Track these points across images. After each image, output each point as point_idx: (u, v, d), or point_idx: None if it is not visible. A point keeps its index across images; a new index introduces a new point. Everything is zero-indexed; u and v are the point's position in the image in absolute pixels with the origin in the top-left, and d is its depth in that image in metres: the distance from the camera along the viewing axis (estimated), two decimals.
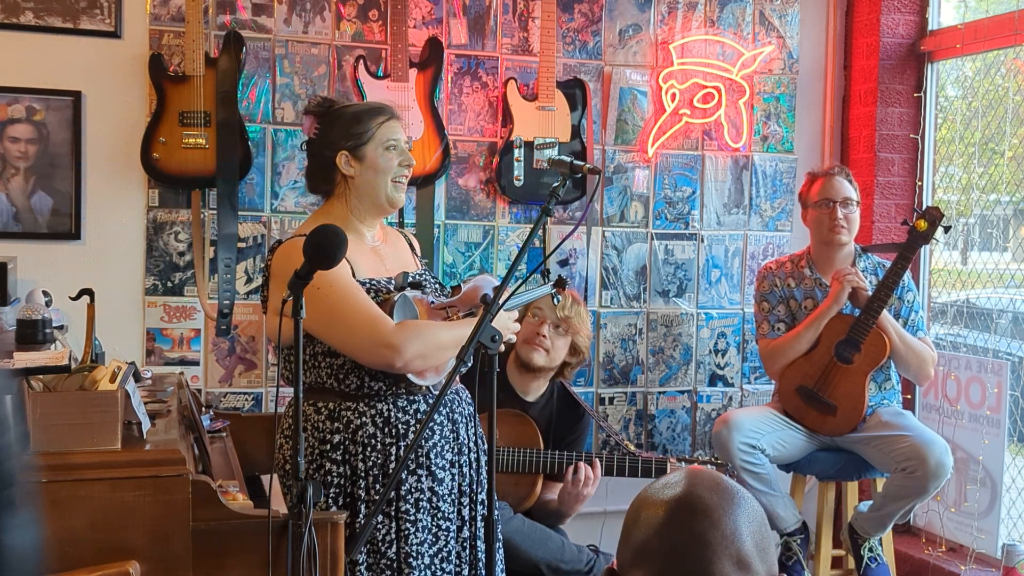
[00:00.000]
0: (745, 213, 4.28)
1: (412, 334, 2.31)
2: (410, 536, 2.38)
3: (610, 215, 4.12)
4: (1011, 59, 4.00)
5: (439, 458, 2.43)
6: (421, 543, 2.39)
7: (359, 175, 2.48)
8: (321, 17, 3.78)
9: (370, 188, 2.49)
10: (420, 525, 2.39)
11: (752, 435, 3.46)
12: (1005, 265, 4.03)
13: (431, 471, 2.41)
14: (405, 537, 2.38)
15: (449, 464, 2.45)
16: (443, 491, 2.43)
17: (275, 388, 3.72)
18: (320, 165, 2.51)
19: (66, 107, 3.54)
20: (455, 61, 3.91)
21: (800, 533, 3.58)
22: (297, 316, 2.06)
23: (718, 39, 4.21)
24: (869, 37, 4.26)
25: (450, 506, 2.45)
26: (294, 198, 3.77)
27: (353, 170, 2.47)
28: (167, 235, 3.67)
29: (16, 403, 1.87)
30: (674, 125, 4.15)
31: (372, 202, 2.50)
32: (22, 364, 2.17)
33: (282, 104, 3.76)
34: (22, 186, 3.53)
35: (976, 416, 3.85)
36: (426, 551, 2.40)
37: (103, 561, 1.96)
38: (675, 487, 1.26)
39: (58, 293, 3.12)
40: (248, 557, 2.07)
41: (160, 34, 3.62)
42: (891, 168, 4.25)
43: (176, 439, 2.20)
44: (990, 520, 3.79)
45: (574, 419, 3.48)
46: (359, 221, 2.52)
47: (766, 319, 3.71)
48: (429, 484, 2.41)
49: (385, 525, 2.38)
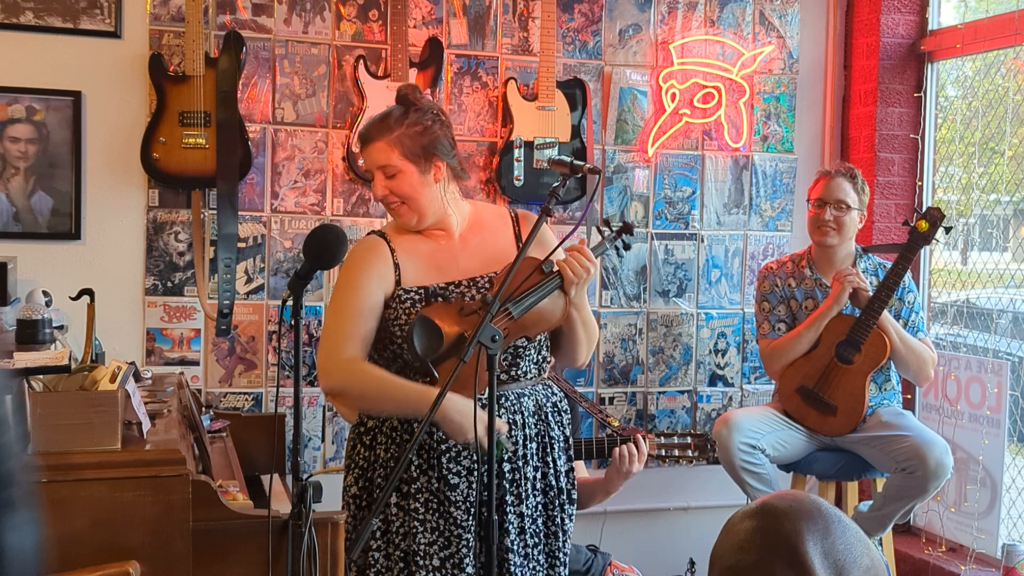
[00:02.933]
0: (745, 213, 4.28)
1: (348, 372, 2.37)
2: (418, 535, 2.37)
3: (610, 215, 4.11)
4: (1011, 59, 4.00)
5: (453, 463, 2.39)
6: (430, 544, 2.37)
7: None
8: (321, 17, 3.78)
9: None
10: (429, 526, 2.38)
11: (752, 435, 3.46)
12: (1005, 265, 4.03)
13: (443, 475, 2.38)
14: (413, 535, 2.38)
15: (466, 471, 2.39)
16: (456, 497, 2.37)
17: (275, 388, 3.72)
18: None
19: (66, 107, 3.54)
20: (455, 61, 3.91)
21: None
22: (297, 316, 2.06)
23: (718, 39, 4.21)
24: (869, 37, 4.26)
25: (464, 513, 2.38)
26: (294, 198, 3.77)
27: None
28: (167, 235, 3.67)
29: (16, 403, 1.88)
30: (674, 125, 4.15)
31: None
32: (22, 364, 2.17)
33: (282, 104, 3.76)
34: (22, 186, 3.53)
35: (976, 416, 3.85)
36: (436, 553, 2.37)
37: (103, 561, 1.96)
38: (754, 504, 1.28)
39: (58, 293, 3.12)
40: (248, 557, 2.07)
41: (160, 34, 3.62)
42: (891, 168, 4.25)
43: (176, 439, 2.20)
44: (990, 520, 3.79)
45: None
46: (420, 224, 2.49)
47: (766, 319, 3.71)
48: (439, 487, 2.38)
49: (399, 518, 2.40)
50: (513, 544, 2.41)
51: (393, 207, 2.45)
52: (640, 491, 4.06)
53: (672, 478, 4.17)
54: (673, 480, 4.15)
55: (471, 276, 2.44)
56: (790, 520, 1.22)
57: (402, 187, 2.42)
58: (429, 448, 2.38)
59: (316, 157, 3.78)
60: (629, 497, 4.13)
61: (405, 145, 2.41)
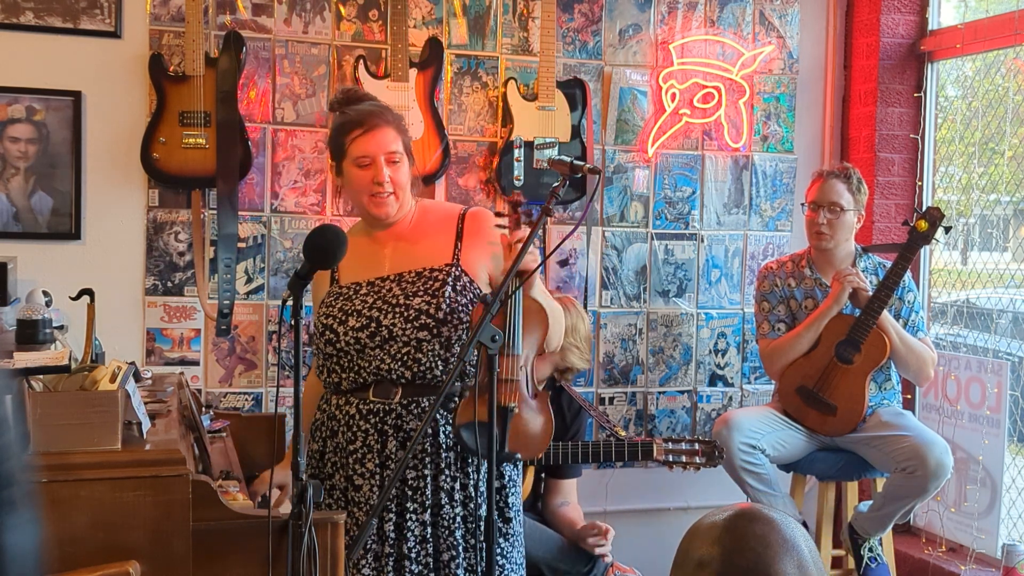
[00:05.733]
0: (745, 213, 4.28)
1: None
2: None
3: (610, 215, 4.12)
4: (1011, 59, 4.00)
5: (359, 465, 2.41)
6: None
7: (344, 188, 2.50)
8: (321, 17, 3.78)
9: (354, 201, 2.52)
10: None
11: (752, 435, 3.46)
12: (1005, 265, 4.03)
13: (349, 476, 2.42)
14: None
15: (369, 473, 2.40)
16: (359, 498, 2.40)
17: (275, 388, 3.72)
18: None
19: (66, 107, 3.54)
20: (455, 61, 3.91)
21: None
22: (297, 316, 2.06)
23: (718, 39, 4.21)
24: (869, 37, 4.26)
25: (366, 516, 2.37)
26: (294, 198, 3.77)
27: (339, 182, 2.49)
28: (167, 235, 3.67)
29: (16, 403, 1.88)
30: (674, 125, 4.15)
31: (360, 213, 2.52)
32: (22, 364, 2.17)
33: (282, 104, 3.76)
34: (22, 186, 3.53)
35: (976, 416, 3.85)
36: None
37: (103, 561, 1.96)
38: (729, 509, 1.29)
39: (58, 293, 3.12)
40: (248, 557, 2.07)
41: (160, 34, 3.62)
42: (891, 168, 4.25)
43: (176, 439, 2.20)
44: (990, 520, 3.79)
45: (568, 421, 3.45)
46: (370, 224, 2.51)
47: (766, 319, 3.71)
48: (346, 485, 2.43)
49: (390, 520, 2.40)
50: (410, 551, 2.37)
51: (383, 197, 2.42)
52: (640, 491, 4.06)
53: (672, 478, 4.16)
54: (673, 480, 4.15)
55: (399, 271, 2.45)
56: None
57: (401, 176, 2.43)
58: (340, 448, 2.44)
59: (316, 157, 3.78)
60: (629, 497, 4.13)
61: (404, 137, 2.47)
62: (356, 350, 2.40)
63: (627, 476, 4.13)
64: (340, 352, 2.42)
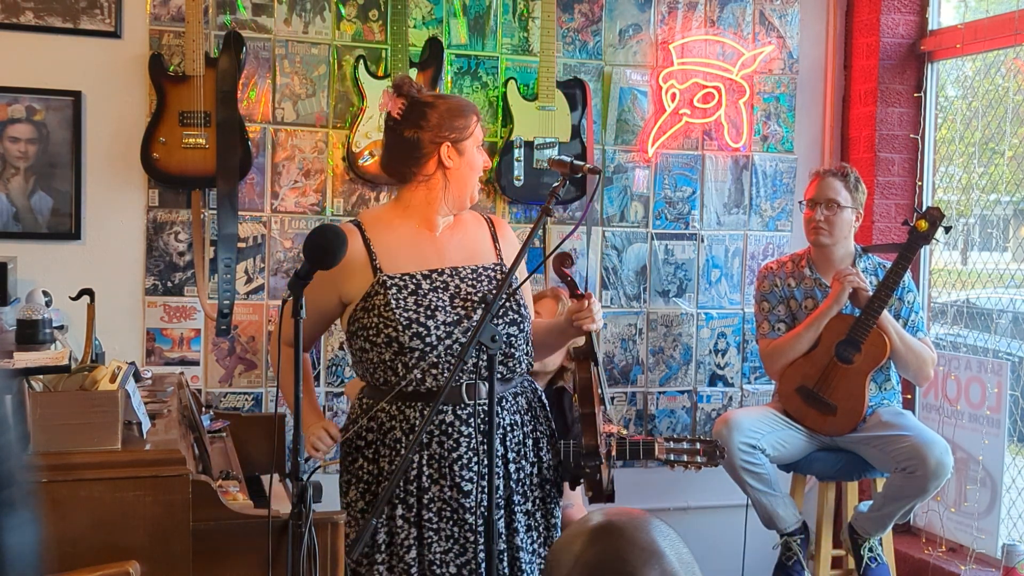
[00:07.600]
0: (745, 213, 4.28)
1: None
2: (433, 544, 2.37)
3: (610, 215, 4.12)
4: (1011, 59, 4.00)
5: (465, 470, 2.38)
6: (446, 552, 2.37)
7: (457, 168, 2.45)
8: (321, 17, 3.78)
9: (463, 182, 2.47)
10: (443, 534, 2.38)
11: (752, 435, 3.46)
12: (1005, 265, 4.03)
13: (455, 483, 2.38)
14: (428, 545, 2.37)
15: (477, 476, 2.38)
16: (470, 503, 2.37)
17: (275, 388, 3.72)
18: (411, 149, 2.43)
19: (66, 107, 3.54)
20: (455, 61, 3.91)
21: (800, 533, 3.58)
22: (297, 316, 2.06)
23: (718, 39, 4.21)
24: (869, 37, 4.26)
25: (478, 519, 2.38)
26: (294, 198, 3.77)
27: (452, 163, 2.43)
28: (167, 235, 3.67)
29: (16, 403, 1.88)
30: (674, 125, 4.15)
31: (459, 195, 2.47)
32: (22, 364, 2.17)
33: (282, 104, 3.76)
34: (22, 186, 3.53)
35: (976, 416, 3.85)
36: (452, 560, 2.38)
37: (103, 561, 1.96)
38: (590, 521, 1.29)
39: (58, 293, 3.12)
40: (248, 557, 2.07)
41: (160, 34, 3.62)
42: (891, 168, 4.25)
43: (176, 439, 2.20)
44: (990, 520, 3.79)
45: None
46: (436, 212, 2.47)
47: (766, 319, 3.71)
48: (452, 495, 2.38)
49: (404, 530, 2.37)
50: (522, 542, 2.44)
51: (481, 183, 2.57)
52: (640, 491, 4.06)
53: (672, 478, 4.16)
54: (673, 480, 4.15)
55: (454, 265, 2.45)
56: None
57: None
58: (440, 457, 2.38)
59: (316, 157, 3.78)
60: (630, 497, 4.13)
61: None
62: (446, 346, 2.35)
63: (627, 476, 4.13)
64: (428, 347, 2.34)
